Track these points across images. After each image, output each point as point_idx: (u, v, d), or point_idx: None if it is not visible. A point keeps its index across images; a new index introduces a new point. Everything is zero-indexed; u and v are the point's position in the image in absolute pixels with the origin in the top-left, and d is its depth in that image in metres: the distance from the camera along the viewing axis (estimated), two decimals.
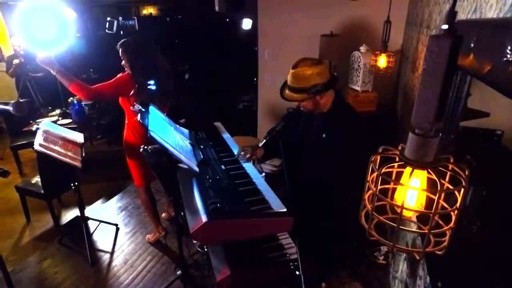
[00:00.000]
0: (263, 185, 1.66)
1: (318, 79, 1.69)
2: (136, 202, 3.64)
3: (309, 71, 1.68)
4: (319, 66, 1.71)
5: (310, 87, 1.69)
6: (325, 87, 1.71)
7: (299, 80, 1.71)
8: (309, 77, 1.69)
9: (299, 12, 3.78)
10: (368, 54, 3.00)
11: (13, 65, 4.85)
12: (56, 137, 2.43)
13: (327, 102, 1.80)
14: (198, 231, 1.28)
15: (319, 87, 1.70)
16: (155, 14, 7.62)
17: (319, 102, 1.76)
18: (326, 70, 1.74)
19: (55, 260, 2.84)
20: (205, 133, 2.26)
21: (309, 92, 1.70)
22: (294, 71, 1.73)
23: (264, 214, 1.40)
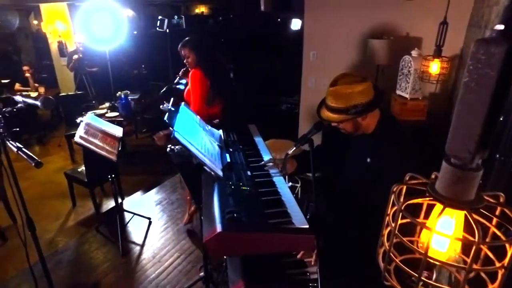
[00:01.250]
0: (288, 197, 1.56)
1: (360, 98, 1.50)
2: (171, 197, 3.71)
3: (350, 89, 1.50)
4: (362, 84, 1.51)
5: (350, 108, 1.51)
6: (368, 107, 1.51)
7: (338, 99, 1.53)
8: (349, 96, 1.50)
9: (347, 12, 3.58)
10: (420, 59, 2.74)
11: (72, 60, 5.22)
12: (97, 130, 2.53)
13: (371, 123, 1.60)
14: (211, 241, 1.22)
15: (360, 108, 1.50)
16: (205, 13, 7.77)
17: (361, 124, 1.58)
18: (370, 88, 1.53)
19: (91, 247, 2.98)
20: (237, 135, 2.20)
21: (349, 113, 1.52)
22: (333, 89, 1.55)
23: (283, 229, 1.30)
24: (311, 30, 3.96)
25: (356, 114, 1.52)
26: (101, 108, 4.71)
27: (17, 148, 1.51)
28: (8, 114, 1.56)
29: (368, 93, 1.52)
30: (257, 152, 1.99)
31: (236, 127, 2.28)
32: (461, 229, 0.54)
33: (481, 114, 0.47)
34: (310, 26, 3.95)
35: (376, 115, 1.60)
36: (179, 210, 3.41)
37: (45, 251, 2.93)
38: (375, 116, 1.60)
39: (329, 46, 3.86)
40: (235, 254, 1.33)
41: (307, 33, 4.00)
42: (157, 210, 3.50)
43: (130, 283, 2.55)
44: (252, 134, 2.28)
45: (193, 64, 2.71)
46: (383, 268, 0.59)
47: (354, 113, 1.52)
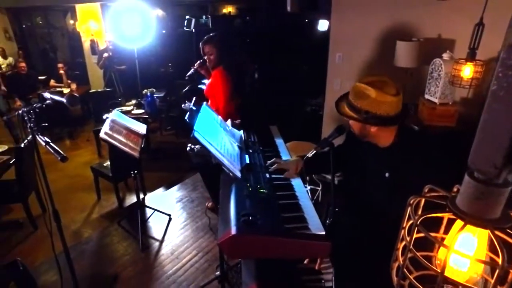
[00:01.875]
0: (306, 201, 1.53)
1: (375, 108, 1.38)
2: (191, 195, 3.76)
3: (371, 93, 1.39)
4: (388, 95, 1.38)
5: (362, 111, 1.41)
6: (379, 120, 1.40)
7: (357, 97, 1.44)
8: (367, 99, 1.40)
9: (375, 13, 3.48)
10: (451, 62, 2.62)
11: (103, 58, 5.41)
12: (121, 126, 2.60)
13: (384, 136, 1.49)
14: (225, 243, 1.22)
15: (370, 116, 1.40)
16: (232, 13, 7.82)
17: (369, 132, 1.48)
18: (394, 103, 1.39)
19: (113, 240, 3.07)
20: (258, 136, 2.19)
21: (359, 115, 1.43)
22: (358, 84, 1.45)
23: (299, 235, 1.27)
24: (337, 31, 3.88)
25: (364, 121, 1.43)
26: (127, 105, 4.84)
27: (45, 143, 1.58)
28: (38, 109, 1.63)
29: (388, 108, 1.39)
30: (277, 154, 1.97)
31: (257, 128, 2.27)
32: (484, 249, 0.50)
33: (510, 126, 0.43)
34: (336, 27, 3.88)
35: (393, 130, 1.49)
36: (198, 209, 3.45)
37: (71, 241, 3.08)
38: (391, 130, 1.48)
39: (355, 48, 3.78)
40: (249, 257, 1.32)
41: (333, 34, 3.93)
42: (177, 207, 3.56)
43: (148, 277, 2.60)
44: (273, 136, 2.26)
45: (214, 62, 2.76)
46: (397, 284, 0.56)
47: (363, 119, 1.42)
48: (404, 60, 3.11)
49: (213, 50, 2.72)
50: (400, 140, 1.49)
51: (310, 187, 1.67)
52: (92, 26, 6.64)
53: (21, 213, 3.35)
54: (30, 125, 1.64)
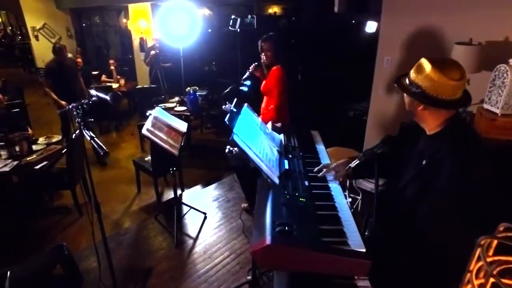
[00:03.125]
0: (346, 214, 1.43)
1: (427, 85, 1.28)
2: (228, 195, 3.76)
3: (429, 70, 1.27)
4: (444, 77, 1.25)
5: (414, 85, 1.32)
6: (425, 98, 1.29)
7: (415, 70, 1.34)
8: (422, 74, 1.30)
9: (431, 14, 3.25)
10: None
11: (150, 55, 5.61)
12: (163, 123, 2.65)
13: (429, 120, 1.37)
14: (258, 252, 1.17)
15: (419, 92, 1.30)
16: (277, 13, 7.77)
17: (415, 109, 1.37)
18: (447, 88, 1.26)
19: (149, 233, 3.15)
20: (299, 140, 2.11)
21: (410, 88, 1.34)
22: (422, 59, 1.34)
23: (337, 251, 1.19)
24: (387, 33, 3.68)
25: (412, 95, 1.33)
26: (170, 102, 4.98)
27: (90, 137, 1.63)
28: (85, 106, 1.69)
29: (441, 89, 1.26)
30: (317, 161, 1.89)
31: (298, 132, 2.19)
32: None
33: None
34: (386, 29, 3.68)
35: (443, 114, 1.34)
36: (234, 209, 3.44)
37: (111, 230, 3.22)
38: (440, 114, 1.34)
39: (406, 52, 3.56)
40: (282, 269, 1.26)
41: (383, 37, 3.73)
42: (213, 206, 3.58)
43: (180, 274, 2.63)
44: (314, 141, 2.17)
45: (270, 59, 2.93)
46: None
47: (412, 93, 1.33)
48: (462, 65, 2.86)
49: (270, 47, 2.89)
50: (448, 130, 1.34)
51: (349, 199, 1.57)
52: (142, 25, 6.92)
53: (70, 200, 3.56)
54: (78, 120, 1.71)
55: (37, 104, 7.46)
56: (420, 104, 1.34)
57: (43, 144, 3.62)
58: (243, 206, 3.30)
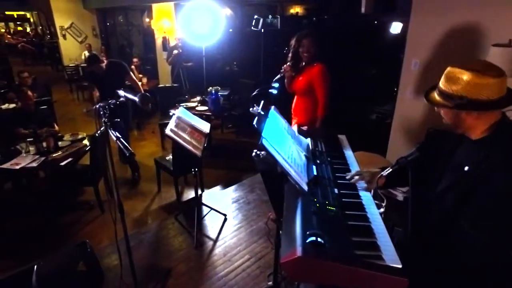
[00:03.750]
0: (379, 225, 1.36)
1: (471, 91, 1.20)
2: (248, 197, 3.73)
3: (467, 76, 1.20)
4: (486, 78, 1.18)
5: (455, 97, 1.23)
6: (475, 105, 1.21)
7: (449, 81, 1.26)
8: (461, 83, 1.22)
9: (465, 14, 3.10)
10: None
11: (172, 54, 5.65)
12: (186, 124, 2.64)
13: (479, 125, 1.28)
14: (289, 263, 1.11)
15: (465, 102, 1.21)
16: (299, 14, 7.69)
17: (464, 120, 1.27)
18: (494, 86, 1.19)
19: (169, 233, 3.15)
20: (326, 145, 2.04)
21: (452, 101, 1.25)
22: (450, 69, 1.28)
23: (372, 266, 1.12)
24: (416, 35, 3.55)
25: (458, 107, 1.23)
26: (192, 102, 4.99)
27: (116, 138, 1.63)
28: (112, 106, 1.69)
29: (488, 91, 1.19)
30: (346, 167, 1.82)
31: (325, 136, 2.13)
32: None
33: None
34: (415, 30, 3.54)
35: (491, 118, 1.26)
36: (254, 211, 3.40)
37: (132, 228, 3.24)
38: (488, 119, 1.26)
39: (436, 54, 3.41)
40: (313, 282, 1.21)
41: (411, 39, 3.60)
42: (233, 207, 3.55)
43: (199, 276, 2.61)
44: (341, 146, 2.10)
45: (311, 58, 2.87)
46: None
47: (457, 105, 1.23)
48: None
49: (311, 45, 2.83)
50: (496, 134, 1.26)
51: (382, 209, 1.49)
52: (165, 24, 6.98)
53: (91, 196, 3.62)
54: (104, 120, 1.71)
55: (63, 101, 7.68)
56: (469, 113, 1.24)
57: (69, 141, 3.69)
58: (271, 216, 3.21)
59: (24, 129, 3.78)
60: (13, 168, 3.11)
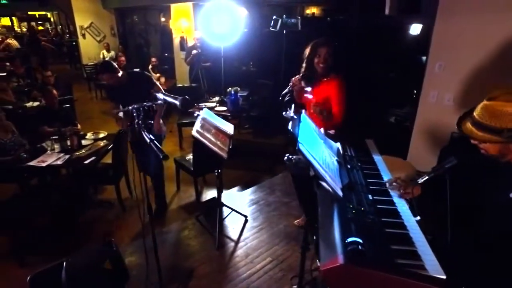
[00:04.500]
0: (417, 233, 1.34)
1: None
2: (268, 199, 3.72)
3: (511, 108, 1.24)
4: None
5: (505, 130, 1.25)
6: None
7: (492, 117, 1.27)
8: (505, 115, 1.24)
9: (494, 16, 3.03)
10: None
11: (191, 54, 5.68)
12: (211, 125, 2.65)
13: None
14: (329, 271, 1.11)
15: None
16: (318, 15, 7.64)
17: (510, 151, 1.30)
18: None
19: (190, 233, 3.17)
20: (354, 150, 2.03)
21: (502, 136, 1.26)
22: (489, 103, 1.30)
23: (416, 276, 1.11)
24: (441, 37, 3.49)
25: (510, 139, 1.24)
26: (211, 102, 5.01)
27: (150, 140, 1.64)
28: (147, 108, 1.70)
29: None
30: (377, 173, 1.80)
31: (353, 140, 2.11)
32: None
33: None
34: (440, 32, 3.49)
35: None
36: (275, 213, 3.39)
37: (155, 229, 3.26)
38: None
39: (461, 57, 3.36)
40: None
41: (436, 41, 3.55)
42: (253, 209, 3.55)
43: (222, 277, 2.62)
44: (370, 151, 2.08)
45: (327, 69, 2.53)
46: None
47: (508, 137, 1.24)
48: None
49: (329, 54, 2.50)
50: None
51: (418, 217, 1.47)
52: (183, 24, 7.03)
53: (112, 195, 3.67)
54: (137, 121, 1.72)
55: (82, 100, 7.80)
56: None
57: (91, 139, 3.75)
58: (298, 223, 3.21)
59: (48, 127, 3.86)
60: (40, 165, 3.18)
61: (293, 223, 3.23)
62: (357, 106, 5.36)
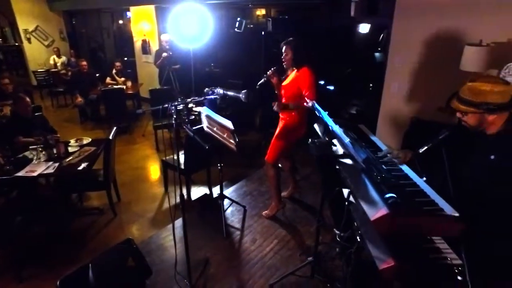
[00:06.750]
0: (428, 188, 1.69)
1: (495, 97, 1.62)
2: (260, 189, 3.97)
3: (488, 87, 1.63)
4: (502, 85, 1.62)
5: (482, 104, 1.63)
6: (500, 107, 1.62)
7: (473, 94, 1.66)
8: (485, 93, 1.63)
9: (442, 17, 3.60)
10: None
11: (161, 58, 5.70)
12: (215, 122, 2.82)
13: (496, 122, 1.69)
14: (379, 219, 1.40)
15: (492, 106, 1.62)
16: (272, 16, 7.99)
17: (486, 120, 1.69)
18: (508, 92, 1.63)
19: (194, 227, 3.28)
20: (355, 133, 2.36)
21: (479, 108, 1.65)
22: (470, 84, 1.68)
23: (441, 216, 1.45)
24: (399, 35, 4.01)
25: (486, 111, 1.63)
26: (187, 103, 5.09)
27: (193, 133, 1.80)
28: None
29: (505, 96, 1.62)
30: (379, 150, 2.15)
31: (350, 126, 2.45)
32: None
33: None
34: (398, 31, 4.00)
35: (504, 116, 1.68)
36: (270, 201, 3.62)
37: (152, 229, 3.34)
38: (503, 116, 1.68)
39: (416, 52, 3.89)
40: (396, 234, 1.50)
41: (395, 39, 4.06)
42: (248, 199, 3.77)
43: (237, 262, 2.82)
44: (366, 133, 2.44)
45: (289, 63, 3.07)
46: None
47: (485, 109, 1.63)
48: (472, 64, 3.20)
49: (291, 52, 3.02)
50: (508, 127, 1.69)
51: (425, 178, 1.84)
52: (145, 27, 6.96)
53: (100, 201, 3.68)
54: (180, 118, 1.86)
55: None
56: (493, 115, 1.66)
57: (76, 146, 3.68)
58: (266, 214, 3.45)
59: (23, 136, 3.70)
60: (30, 175, 3.08)
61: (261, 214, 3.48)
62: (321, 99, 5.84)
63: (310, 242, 2.99)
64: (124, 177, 4.44)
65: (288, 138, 3.16)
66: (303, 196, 3.79)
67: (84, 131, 6.11)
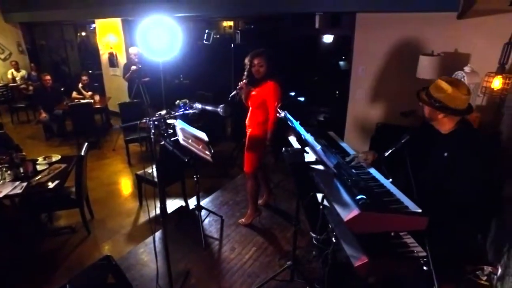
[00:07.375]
0: (394, 189, 1.85)
1: (447, 99, 1.78)
2: (236, 199, 4.03)
3: (449, 90, 1.77)
4: (461, 92, 1.77)
5: (435, 99, 1.80)
6: (445, 108, 1.79)
7: (433, 88, 1.84)
8: (442, 91, 1.79)
9: (398, 30, 3.91)
10: (472, 75, 3.03)
11: (130, 71, 5.64)
12: (189, 134, 2.87)
13: (447, 123, 1.88)
14: (351, 220, 1.52)
15: (441, 105, 1.79)
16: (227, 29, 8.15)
17: (436, 116, 1.86)
18: (461, 99, 1.78)
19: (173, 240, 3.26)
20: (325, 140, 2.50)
21: (431, 101, 1.82)
22: (439, 81, 1.84)
23: (406, 212, 1.61)
24: (361, 46, 4.29)
25: (433, 106, 1.81)
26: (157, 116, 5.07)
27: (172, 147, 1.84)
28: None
29: (458, 102, 1.78)
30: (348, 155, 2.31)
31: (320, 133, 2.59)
32: None
33: None
34: (360, 42, 4.28)
35: (455, 119, 1.87)
36: (246, 210, 3.67)
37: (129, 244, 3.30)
38: (454, 120, 1.87)
39: (378, 62, 4.18)
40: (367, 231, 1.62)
41: (357, 49, 4.33)
42: (225, 209, 3.81)
43: (218, 271, 2.85)
44: (336, 140, 2.59)
45: (261, 75, 3.09)
46: None
47: (433, 104, 1.81)
48: (426, 72, 3.50)
49: (264, 63, 3.07)
50: (459, 129, 1.88)
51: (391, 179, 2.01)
52: (111, 39, 6.85)
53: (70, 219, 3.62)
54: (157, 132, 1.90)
55: None
56: (441, 113, 1.84)
57: (45, 164, 3.57)
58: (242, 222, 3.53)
59: None
60: None
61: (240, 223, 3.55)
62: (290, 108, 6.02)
63: (287, 247, 3.08)
64: (96, 194, 4.33)
65: (258, 148, 3.25)
66: (277, 202, 3.88)
67: (50, 148, 5.88)
